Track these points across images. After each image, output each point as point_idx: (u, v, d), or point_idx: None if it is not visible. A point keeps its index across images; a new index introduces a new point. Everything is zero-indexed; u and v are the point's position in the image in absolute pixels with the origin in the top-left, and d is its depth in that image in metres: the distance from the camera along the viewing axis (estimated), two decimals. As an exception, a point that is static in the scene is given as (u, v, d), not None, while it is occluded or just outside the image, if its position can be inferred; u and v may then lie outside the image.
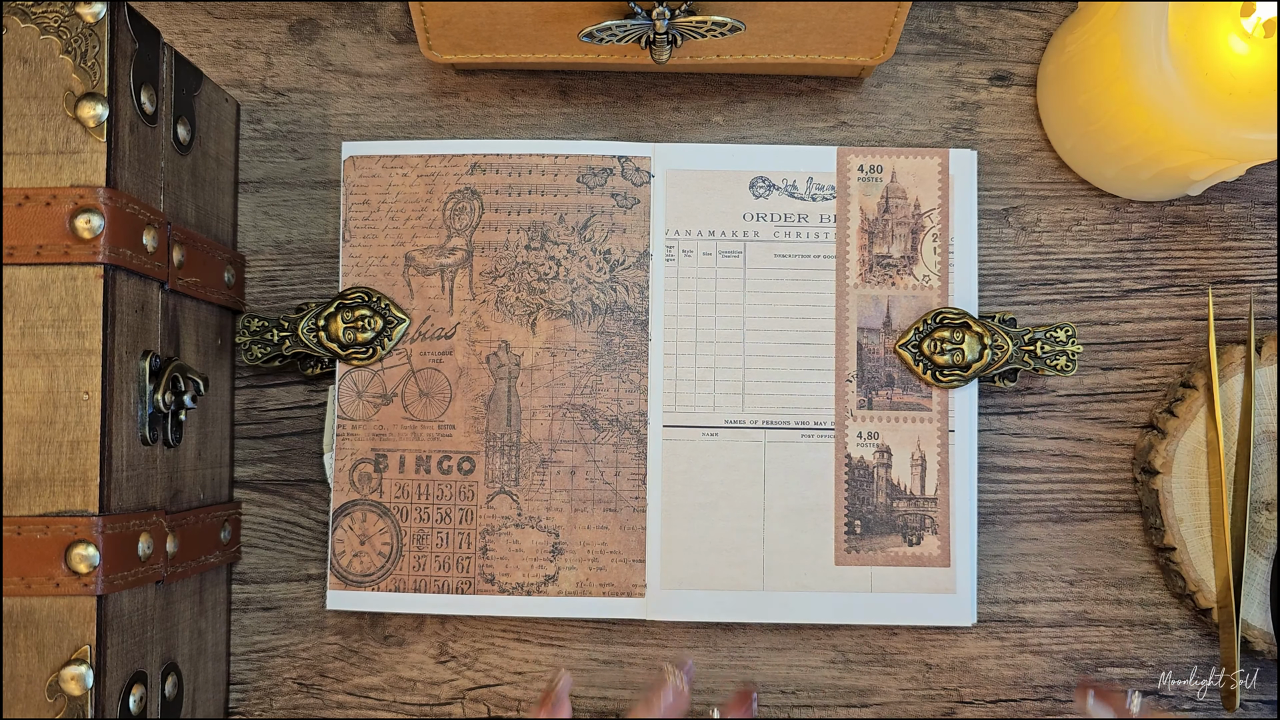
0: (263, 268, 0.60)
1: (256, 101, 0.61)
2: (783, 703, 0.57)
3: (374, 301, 0.57)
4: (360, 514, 0.57)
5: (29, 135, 0.46)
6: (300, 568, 0.59)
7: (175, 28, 0.61)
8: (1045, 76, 0.59)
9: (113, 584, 0.46)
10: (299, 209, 0.60)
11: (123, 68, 0.47)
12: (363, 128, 0.60)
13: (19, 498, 0.45)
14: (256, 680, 0.59)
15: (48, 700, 0.45)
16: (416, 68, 0.61)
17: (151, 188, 0.50)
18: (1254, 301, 0.59)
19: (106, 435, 0.46)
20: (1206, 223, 0.60)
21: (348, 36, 0.61)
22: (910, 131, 0.60)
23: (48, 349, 0.46)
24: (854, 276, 0.57)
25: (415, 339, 0.57)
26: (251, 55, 0.61)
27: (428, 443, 0.57)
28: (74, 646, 0.45)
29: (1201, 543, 0.57)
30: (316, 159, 0.60)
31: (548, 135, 0.60)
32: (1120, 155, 0.56)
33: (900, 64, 0.60)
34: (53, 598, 0.45)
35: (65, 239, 0.46)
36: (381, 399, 0.57)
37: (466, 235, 0.57)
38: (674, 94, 0.60)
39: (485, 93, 0.61)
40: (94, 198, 0.46)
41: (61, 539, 0.45)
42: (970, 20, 0.60)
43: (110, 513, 0.46)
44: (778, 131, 0.60)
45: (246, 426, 0.60)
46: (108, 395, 0.46)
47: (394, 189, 0.58)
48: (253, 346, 0.57)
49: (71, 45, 0.46)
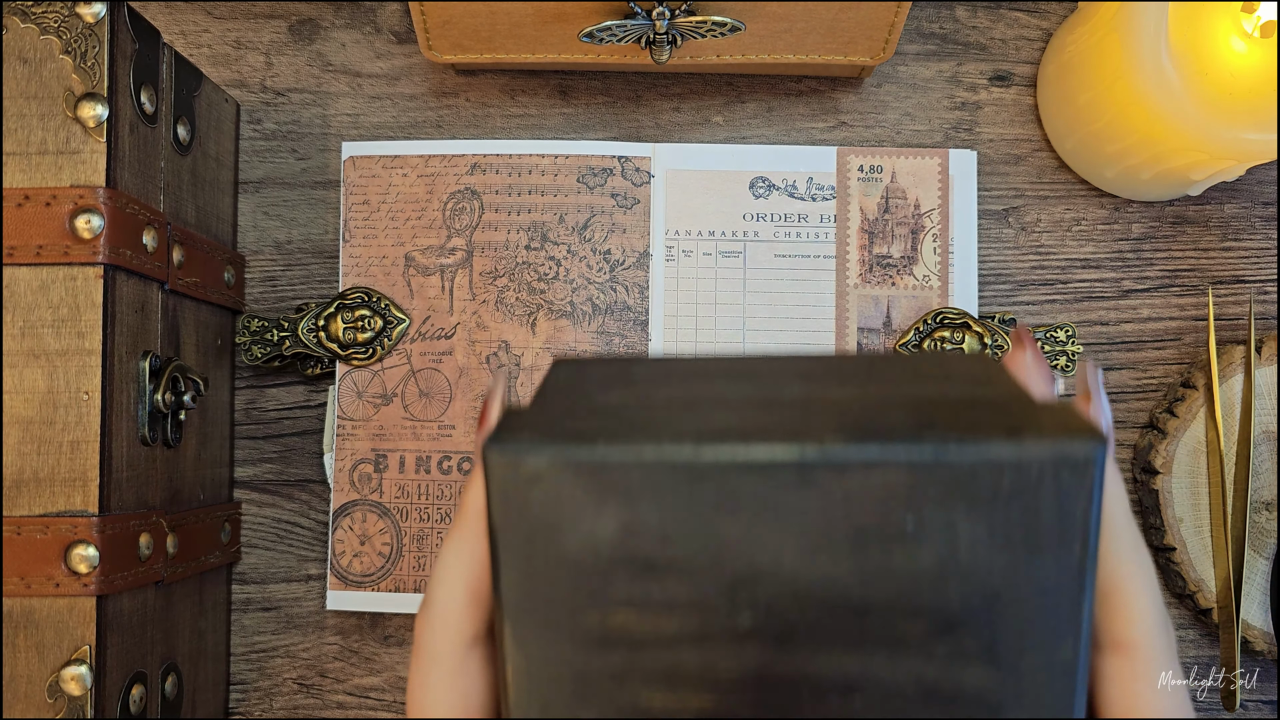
0: (263, 268, 0.60)
1: (256, 102, 0.61)
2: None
3: (374, 302, 0.57)
4: (360, 514, 0.57)
5: (29, 135, 0.46)
6: (300, 568, 0.59)
7: (175, 28, 0.61)
8: (1045, 77, 0.59)
9: (112, 584, 0.46)
10: (299, 209, 0.60)
11: (123, 68, 0.47)
12: (363, 128, 0.60)
13: (19, 498, 0.45)
14: (256, 680, 0.59)
15: (48, 700, 0.45)
16: (416, 68, 0.61)
17: (151, 188, 0.50)
18: (1254, 301, 0.59)
19: (106, 435, 0.46)
20: (1206, 223, 0.60)
21: (348, 37, 0.61)
22: (910, 132, 0.60)
23: (47, 349, 0.46)
24: (854, 276, 0.57)
25: (415, 339, 0.57)
26: (251, 55, 0.61)
27: (428, 443, 0.57)
28: (74, 647, 0.45)
29: (1201, 543, 0.57)
30: (316, 159, 0.60)
31: (548, 135, 0.60)
32: (1120, 155, 0.56)
33: (900, 64, 0.60)
34: (52, 598, 0.45)
35: (65, 239, 0.46)
36: (381, 399, 0.57)
37: (466, 235, 0.57)
38: (674, 94, 0.60)
39: (485, 93, 0.61)
40: (94, 198, 0.46)
41: (61, 539, 0.45)
42: (970, 20, 0.60)
43: (110, 513, 0.46)
44: (778, 132, 0.60)
45: (246, 427, 0.60)
46: (107, 395, 0.46)
47: (394, 189, 0.58)
48: (253, 346, 0.57)
49: (71, 45, 0.46)
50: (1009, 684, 0.27)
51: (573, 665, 0.28)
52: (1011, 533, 0.27)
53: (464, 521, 0.32)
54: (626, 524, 0.27)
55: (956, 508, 0.27)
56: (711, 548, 0.27)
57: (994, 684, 0.27)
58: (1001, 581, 0.27)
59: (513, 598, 0.28)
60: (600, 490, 0.27)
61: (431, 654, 0.32)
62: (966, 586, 0.27)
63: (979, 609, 0.28)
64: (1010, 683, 0.27)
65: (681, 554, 0.27)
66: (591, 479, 0.27)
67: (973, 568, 0.27)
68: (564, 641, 0.28)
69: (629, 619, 0.28)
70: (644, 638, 0.28)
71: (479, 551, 0.31)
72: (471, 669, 0.32)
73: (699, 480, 0.27)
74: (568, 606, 0.28)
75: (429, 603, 0.32)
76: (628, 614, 0.28)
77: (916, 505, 0.27)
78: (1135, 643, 0.30)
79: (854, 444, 0.27)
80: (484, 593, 0.32)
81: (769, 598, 0.28)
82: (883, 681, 0.28)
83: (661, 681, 0.28)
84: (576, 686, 0.28)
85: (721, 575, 0.27)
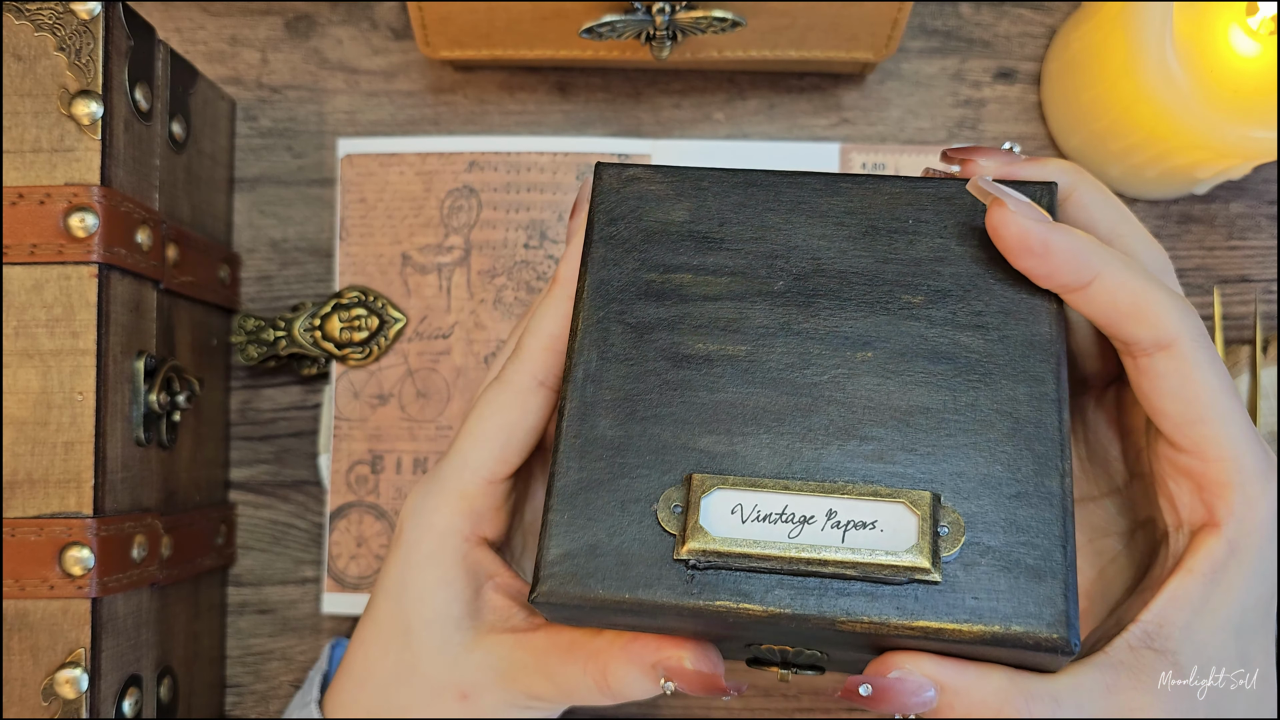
0: (258, 267, 0.60)
1: (252, 99, 0.60)
2: (785, 706, 0.57)
3: (370, 301, 0.57)
4: (357, 516, 0.56)
5: (23, 133, 0.46)
6: (296, 570, 0.59)
7: (170, 25, 0.60)
8: (1049, 74, 0.59)
9: (107, 587, 0.45)
10: (294, 207, 0.60)
11: (117, 65, 0.47)
12: (359, 125, 0.60)
13: (13, 499, 0.45)
14: (252, 684, 0.58)
15: (42, 704, 0.44)
16: (414, 64, 0.60)
17: (146, 186, 0.50)
18: (1259, 301, 0.59)
19: (101, 436, 0.46)
20: (1212, 221, 0.59)
21: (344, 33, 0.60)
22: (914, 129, 0.59)
23: (41, 349, 0.45)
24: (856, 275, 0.57)
25: (412, 339, 0.57)
26: (247, 52, 0.60)
27: (425, 444, 0.56)
28: (68, 649, 0.45)
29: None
30: (312, 157, 0.60)
31: (546, 132, 0.60)
32: (1125, 153, 0.55)
33: (903, 61, 0.60)
34: (47, 600, 0.45)
35: (59, 238, 0.45)
36: (378, 399, 0.57)
37: (464, 234, 0.57)
38: (674, 90, 0.60)
39: (483, 89, 0.60)
40: (88, 196, 0.45)
41: (55, 541, 0.45)
42: (974, 17, 0.60)
43: (104, 514, 0.46)
44: (779, 128, 0.60)
45: (242, 427, 0.59)
46: (102, 396, 0.46)
47: (391, 187, 0.57)
48: (248, 346, 0.57)
49: (66, 42, 0.46)
50: (998, 351, 0.34)
51: (637, 315, 0.36)
52: (988, 238, 0.35)
53: (559, 287, 0.40)
54: (694, 210, 0.37)
55: (947, 215, 0.36)
56: (757, 230, 0.37)
57: (983, 348, 0.34)
58: (985, 270, 0.35)
59: (598, 255, 0.37)
60: (679, 187, 0.38)
61: (507, 382, 0.40)
62: (957, 270, 0.36)
63: (968, 287, 0.35)
64: (999, 350, 0.34)
65: (734, 233, 0.37)
66: (674, 179, 0.38)
67: (962, 256, 0.36)
68: (632, 296, 0.36)
69: (685, 279, 0.36)
70: (696, 293, 0.36)
71: (565, 311, 0.39)
72: (532, 402, 0.40)
73: (753, 185, 0.37)
74: (639, 267, 0.37)
75: (519, 347, 0.40)
76: (684, 275, 0.36)
77: (917, 210, 0.37)
78: (1172, 337, 0.34)
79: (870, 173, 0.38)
80: (560, 348, 0.39)
81: (799, 269, 0.36)
82: (890, 338, 0.35)
83: (706, 329, 0.35)
84: (638, 330, 0.36)
85: (763, 250, 0.36)
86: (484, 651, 0.40)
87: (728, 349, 0.35)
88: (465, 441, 0.41)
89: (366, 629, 0.43)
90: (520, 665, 0.39)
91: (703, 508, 0.32)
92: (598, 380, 0.35)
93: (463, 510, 0.41)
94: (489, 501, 0.41)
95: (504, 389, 0.40)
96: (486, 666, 0.39)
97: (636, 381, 0.35)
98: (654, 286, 0.36)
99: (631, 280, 0.36)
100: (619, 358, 0.35)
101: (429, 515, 0.41)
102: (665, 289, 0.36)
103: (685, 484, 0.33)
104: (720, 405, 0.34)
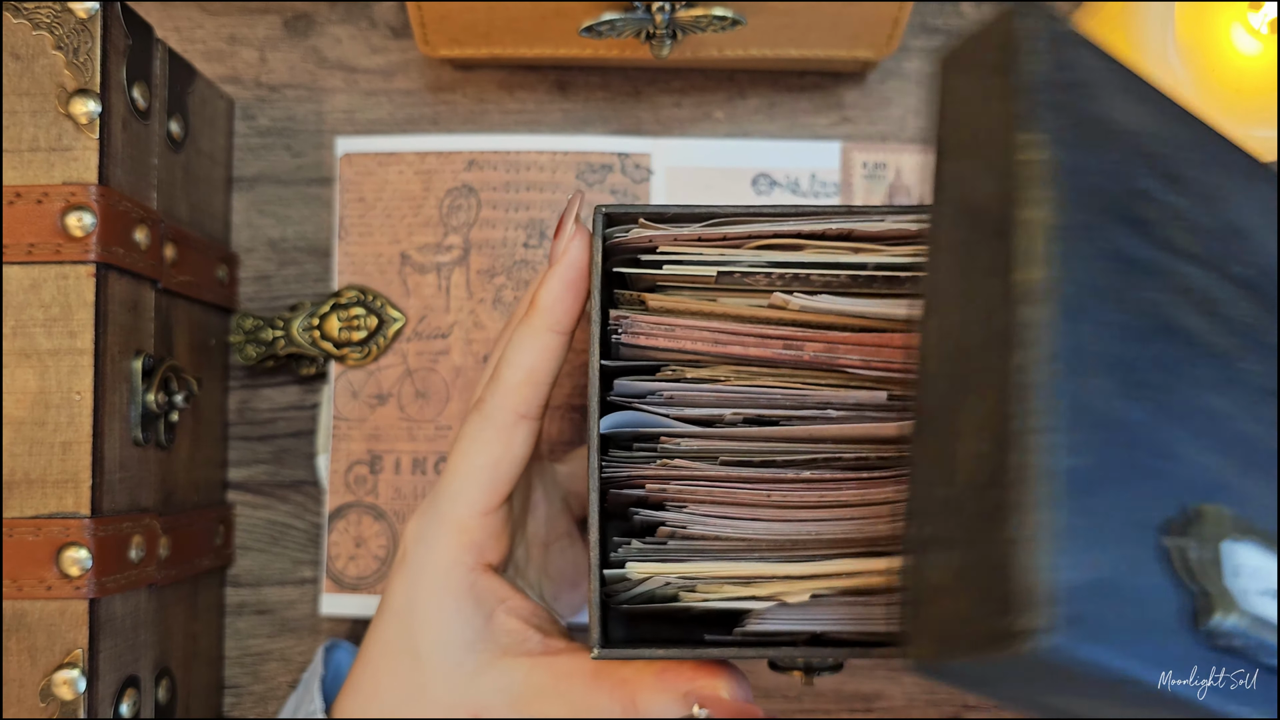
0: (256, 266, 0.60)
1: (250, 98, 0.60)
2: (786, 708, 0.57)
3: (369, 300, 0.56)
4: (355, 516, 0.56)
5: (20, 132, 0.46)
6: (294, 571, 0.58)
7: (169, 23, 0.60)
8: (1050, 73, 0.59)
9: (104, 587, 0.45)
10: (293, 206, 0.60)
11: (115, 64, 0.47)
12: (358, 124, 0.60)
13: (10, 500, 0.45)
14: (250, 685, 0.58)
15: (40, 705, 0.44)
16: (412, 63, 0.60)
17: (144, 185, 0.50)
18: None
19: (98, 436, 0.45)
20: (1213, 221, 0.59)
21: (343, 32, 0.60)
22: (916, 128, 0.59)
23: (39, 349, 0.45)
24: (856, 275, 0.57)
25: (411, 338, 0.57)
26: (245, 51, 0.60)
27: (424, 444, 0.56)
28: (66, 650, 0.44)
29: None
30: (311, 156, 0.60)
31: (546, 131, 0.60)
32: (1126, 152, 0.55)
33: (905, 59, 0.59)
34: (44, 601, 0.44)
35: (57, 237, 0.45)
36: (377, 399, 0.56)
37: (463, 233, 0.57)
38: (674, 89, 0.60)
39: (482, 88, 0.60)
40: (86, 195, 0.45)
41: (53, 541, 0.44)
42: (975, 15, 0.60)
43: (102, 515, 0.45)
44: (780, 127, 0.59)
45: (240, 427, 0.59)
46: (100, 396, 0.46)
47: (390, 186, 0.57)
48: (246, 346, 0.57)
49: (64, 41, 0.46)
50: None
51: (1121, 244, 0.24)
52: None
53: (538, 316, 0.39)
54: (1155, 123, 0.26)
55: None
56: (1211, 188, 0.27)
57: None
58: None
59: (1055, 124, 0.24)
60: (1128, 80, 0.26)
61: (489, 417, 0.40)
62: None
63: None
64: None
65: (1193, 179, 0.27)
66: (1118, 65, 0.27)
67: None
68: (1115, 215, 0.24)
69: (1165, 216, 0.26)
70: (1180, 244, 0.25)
71: (545, 344, 0.39)
72: (516, 437, 0.40)
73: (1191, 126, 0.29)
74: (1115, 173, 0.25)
75: (497, 378, 0.40)
76: (1161, 210, 0.25)
77: None
78: None
79: None
80: (541, 380, 0.39)
81: (1253, 260, 0.27)
82: None
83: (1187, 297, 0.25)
84: (1128, 267, 0.24)
85: (1214, 217, 0.27)
86: (497, 674, 0.40)
87: (1214, 338, 0.24)
88: (455, 479, 0.41)
89: (373, 649, 0.43)
90: (536, 689, 0.39)
91: (1224, 560, 0.22)
92: (1080, 315, 0.22)
93: (464, 543, 0.41)
94: (488, 531, 0.41)
95: (486, 424, 0.41)
96: (499, 690, 0.40)
97: (1135, 342, 0.23)
98: (1137, 212, 0.24)
99: (1111, 187, 0.24)
100: (1107, 294, 0.23)
101: (432, 544, 0.42)
102: (1149, 221, 0.25)
103: (1195, 517, 0.22)
104: (1212, 412, 0.24)
